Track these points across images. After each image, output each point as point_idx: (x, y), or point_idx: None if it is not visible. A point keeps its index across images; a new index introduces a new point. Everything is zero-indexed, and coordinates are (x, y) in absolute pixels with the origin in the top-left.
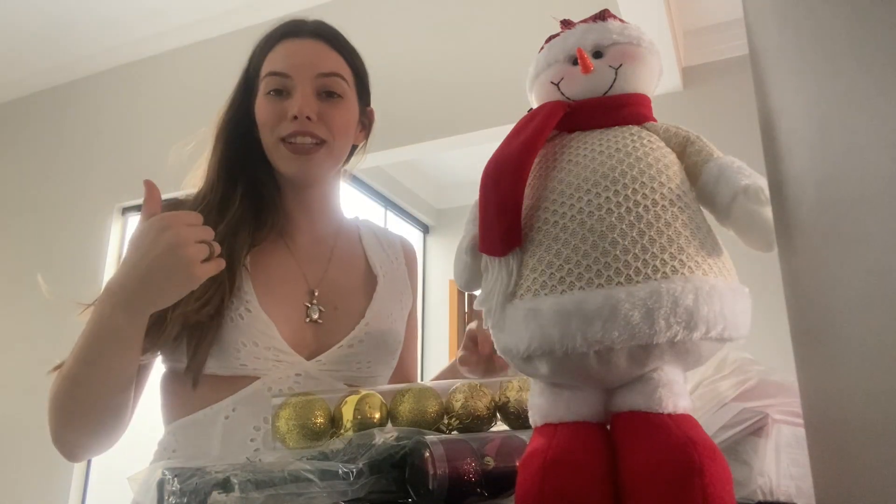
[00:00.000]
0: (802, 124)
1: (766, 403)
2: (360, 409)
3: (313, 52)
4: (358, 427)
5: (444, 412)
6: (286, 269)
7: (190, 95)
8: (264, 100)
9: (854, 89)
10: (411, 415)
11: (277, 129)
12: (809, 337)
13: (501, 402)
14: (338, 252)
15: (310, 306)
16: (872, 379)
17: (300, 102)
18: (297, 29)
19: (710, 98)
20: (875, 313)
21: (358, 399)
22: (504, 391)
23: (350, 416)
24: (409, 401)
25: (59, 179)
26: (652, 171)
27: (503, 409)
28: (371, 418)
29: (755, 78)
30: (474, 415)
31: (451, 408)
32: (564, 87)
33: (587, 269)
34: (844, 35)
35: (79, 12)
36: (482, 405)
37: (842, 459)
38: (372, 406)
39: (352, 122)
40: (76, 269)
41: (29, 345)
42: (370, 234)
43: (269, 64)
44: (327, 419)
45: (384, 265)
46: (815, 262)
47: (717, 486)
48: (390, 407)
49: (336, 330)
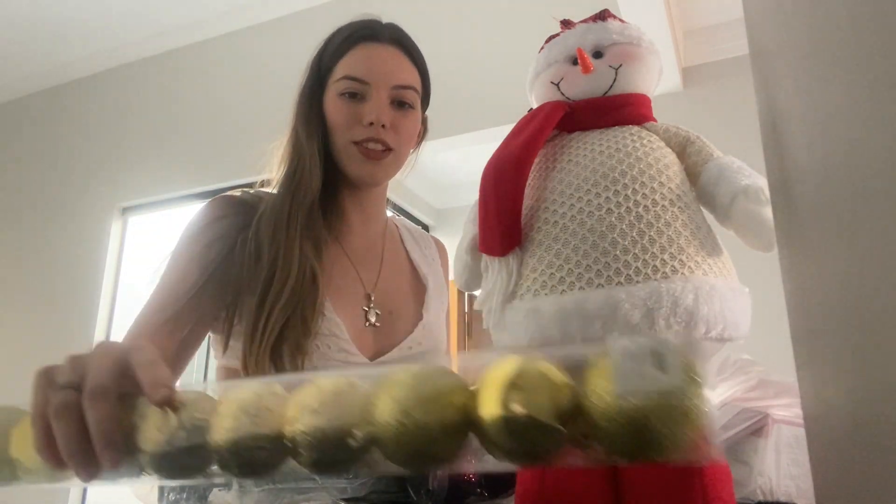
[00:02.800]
0: (802, 124)
1: (766, 404)
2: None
3: (392, 62)
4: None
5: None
6: (345, 272)
7: (190, 95)
8: (339, 101)
9: (854, 89)
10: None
11: (351, 132)
12: (809, 337)
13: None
14: (387, 255)
15: (368, 310)
16: (872, 379)
17: (377, 111)
18: (375, 33)
19: (710, 98)
20: (875, 313)
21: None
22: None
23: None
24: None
25: (59, 179)
26: (652, 171)
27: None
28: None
29: (755, 78)
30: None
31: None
32: (564, 88)
33: (587, 269)
34: (844, 35)
35: (79, 12)
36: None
37: (842, 459)
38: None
39: (417, 130)
40: (76, 269)
41: (29, 344)
42: (409, 235)
43: (347, 67)
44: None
45: (427, 267)
46: (816, 262)
47: (716, 486)
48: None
49: (393, 333)
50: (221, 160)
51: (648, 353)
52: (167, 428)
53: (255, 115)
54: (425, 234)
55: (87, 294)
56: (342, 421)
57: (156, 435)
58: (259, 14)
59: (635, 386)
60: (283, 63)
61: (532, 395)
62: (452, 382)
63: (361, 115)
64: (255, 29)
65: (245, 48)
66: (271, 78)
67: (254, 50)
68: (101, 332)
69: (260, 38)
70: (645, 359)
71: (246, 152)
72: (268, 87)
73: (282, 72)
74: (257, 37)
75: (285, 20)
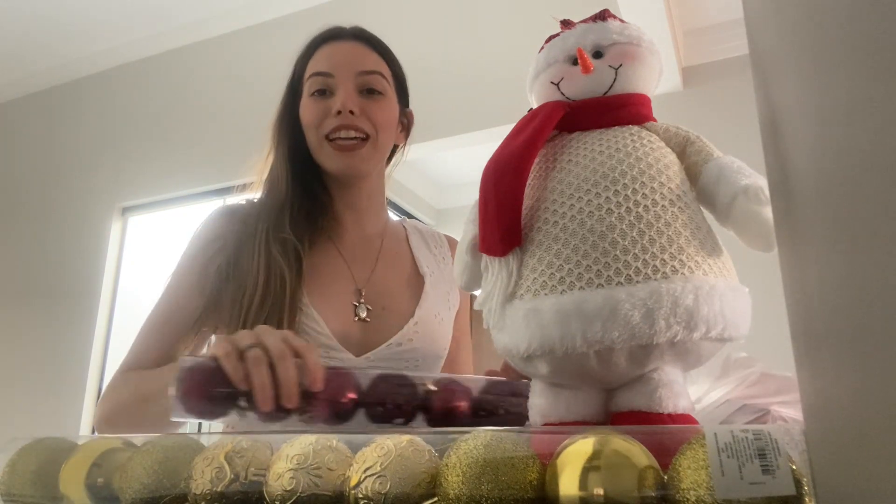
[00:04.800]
0: (802, 124)
1: (766, 401)
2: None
3: (354, 52)
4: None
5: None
6: (335, 268)
7: (190, 95)
8: (309, 101)
9: (854, 89)
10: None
11: (322, 127)
12: (809, 337)
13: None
14: (385, 252)
15: (358, 305)
16: (872, 379)
17: (343, 98)
18: (337, 33)
19: (710, 98)
20: (875, 313)
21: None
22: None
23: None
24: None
25: (59, 179)
26: (652, 171)
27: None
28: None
29: (755, 78)
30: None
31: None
32: (564, 87)
33: (587, 269)
34: (844, 35)
35: (80, 12)
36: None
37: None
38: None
39: (393, 118)
40: (76, 269)
41: (29, 344)
42: (417, 235)
43: (312, 66)
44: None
45: (431, 265)
46: (816, 262)
47: None
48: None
49: (383, 329)
50: (221, 160)
51: (753, 451)
52: (221, 480)
53: (255, 115)
54: (437, 235)
55: (87, 294)
56: (407, 488)
57: (208, 486)
58: (259, 14)
59: (738, 488)
60: (283, 63)
61: (613, 476)
62: (525, 455)
63: (330, 108)
64: (256, 29)
65: (245, 48)
66: (271, 78)
67: (254, 50)
68: (101, 331)
69: (260, 38)
70: (749, 457)
71: (246, 152)
72: (268, 88)
73: (282, 72)
74: (257, 37)
75: (285, 20)
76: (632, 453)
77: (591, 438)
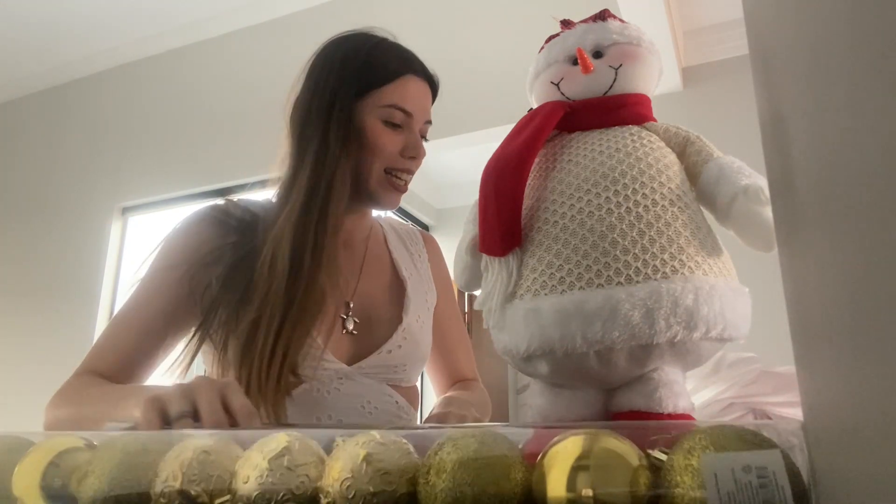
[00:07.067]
0: (802, 124)
1: (763, 401)
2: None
3: (427, 97)
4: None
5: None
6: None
7: (190, 95)
8: (384, 128)
9: (854, 89)
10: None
11: (390, 160)
12: (809, 337)
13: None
14: (368, 258)
15: (345, 318)
16: (872, 378)
17: (418, 143)
18: (419, 67)
19: (710, 98)
20: (875, 312)
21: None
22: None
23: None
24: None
25: (59, 179)
26: (652, 171)
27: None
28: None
29: (755, 78)
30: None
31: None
32: (564, 87)
33: (587, 269)
34: (845, 35)
35: (79, 12)
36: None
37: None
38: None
39: None
40: (76, 269)
41: (29, 344)
42: (393, 234)
43: (397, 96)
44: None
45: (409, 267)
46: (815, 262)
47: None
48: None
49: (372, 339)
50: (221, 160)
51: (755, 488)
52: (191, 480)
53: (255, 115)
54: (412, 231)
55: (87, 294)
56: (387, 487)
57: (175, 486)
58: (259, 14)
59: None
60: (283, 63)
61: (603, 476)
62: (510, 455)
63: (401, 145)
64: (256, 29)
65: (245, 48)
66: (271, 78)
67: (254, 50)
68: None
69: (260, 38)
70: (747, 486)
71: (246, 152)
72: (268, 88)
73: (282, 72)
74: (257, 37)
75: (285, 20)
76: (623, 451)
77: (579, 436)
